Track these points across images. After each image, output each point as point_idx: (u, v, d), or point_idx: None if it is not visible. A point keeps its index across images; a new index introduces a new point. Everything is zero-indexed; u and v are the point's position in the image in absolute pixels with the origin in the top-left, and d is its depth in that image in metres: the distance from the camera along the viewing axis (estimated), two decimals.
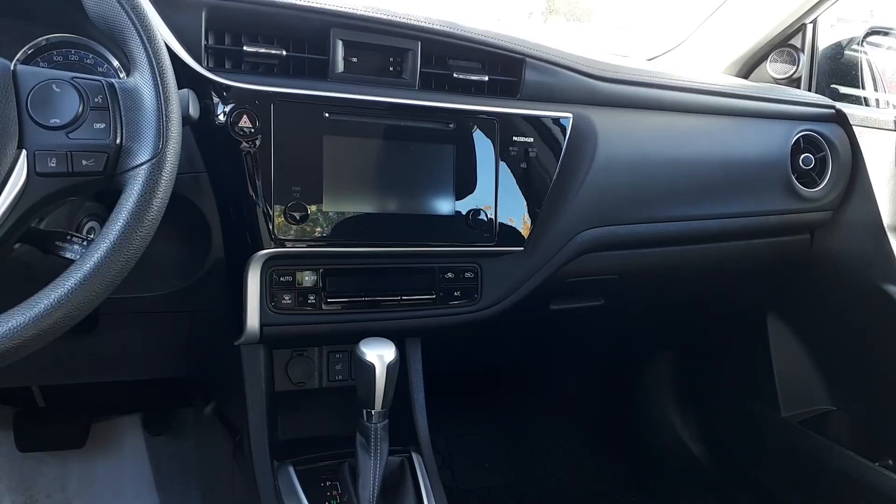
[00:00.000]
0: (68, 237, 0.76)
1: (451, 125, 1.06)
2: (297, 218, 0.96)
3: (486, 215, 1.08)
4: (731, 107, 1.36)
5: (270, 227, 0.96)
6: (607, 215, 1.22)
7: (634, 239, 1.27)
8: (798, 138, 1.42)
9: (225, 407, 1.28)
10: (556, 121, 1.13)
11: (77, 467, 1.50)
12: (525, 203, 1.12)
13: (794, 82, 1.64)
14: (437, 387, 1.23)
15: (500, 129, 1.08)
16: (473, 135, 1.07)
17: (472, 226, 1.07)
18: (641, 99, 1.25)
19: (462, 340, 1.40)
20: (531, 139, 1.11)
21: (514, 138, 1.10)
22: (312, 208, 0.97)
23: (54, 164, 0.68)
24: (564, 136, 1.14)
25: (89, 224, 0.91)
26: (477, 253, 1.12)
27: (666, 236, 1.31)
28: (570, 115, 1.14)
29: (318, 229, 0.98)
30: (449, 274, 1.12)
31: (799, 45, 1.61)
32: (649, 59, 1.80)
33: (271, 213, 0.95)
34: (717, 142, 1.33)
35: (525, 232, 1.12)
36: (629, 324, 1.68)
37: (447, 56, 1.10)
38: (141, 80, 0.71)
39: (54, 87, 0.69)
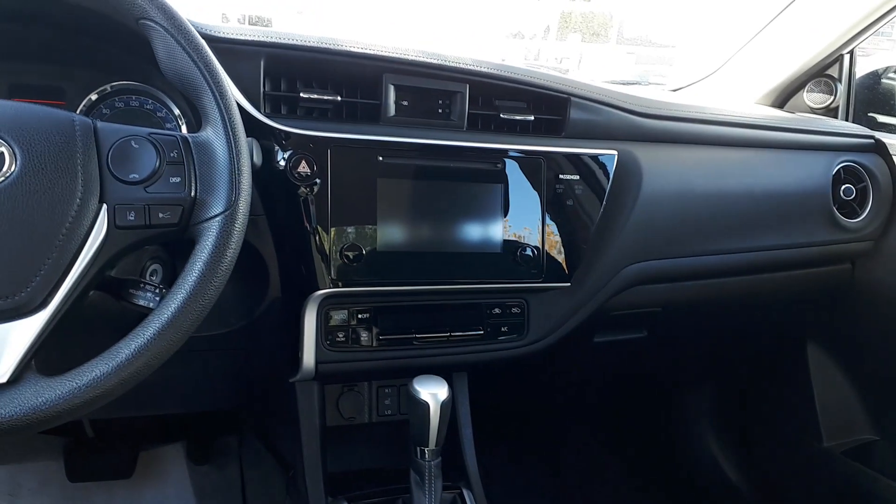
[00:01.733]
0: (141, 285, 0.79)
1: (498, 165, 1.07)
2: (352, 258, 0.99)
3: (534, 252, 1.10)
4: (773, 139, 1.37)
5: (327, 268, 0.98)
6: (652, 250, 1.23)
7: (678, 272, 1.28)
8: (838, 169, 1.43)
9: (275, 440, 1.30)
10: (601, 158, 1.15)
11: (124, 496, 1.52)
12: (572, 239, 1.13)
13: (830, 112, 1.65)
14: (475, 417, 1.24)
15: (547, 167, 1.10)
16: (520, 173, 1.09)
17: (520, 262, 1.09)
18: (685, 134, 1.26)
19: (504, 373, 1.41)
20: (577, 176, 1.13)
21: (561, 176, 1.11)
22: (367, 249, 0.99)
23: (133, 218, 0.70)
24: (610, 172, 1.15)
25: (152, 267, 0.94)
26: (524, 289, 1.13)
27: (709, 269, 1.31)
28: (614, 152, 1.16)
29: (372, 269, 1.00)
30: (496, 310, 1.13)
31: (836, 75, 1.62)
32: (674, 90, 1.81)
33: (328, 254, 0.98)
34: (759, 174, 1.34)
35: (572, 267, 1.14)
36: (670, 354, 1.68)
37: (494, 97, 1.12)
38: (213, 135, 0.74)
39: (133, 143, 0.72)
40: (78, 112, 0.98)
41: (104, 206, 0.69)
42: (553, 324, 1.17)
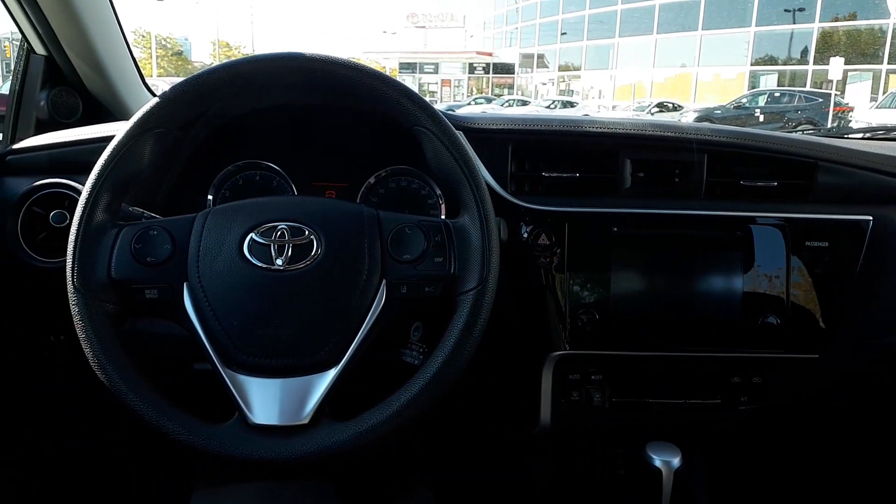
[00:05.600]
0: (408, 344, 0.94)
1: (738, 232, 1.07)
2: (587, 322, 1.05)
3: (777, 321, 1.07)
4: None
5: (564, 332, 1.06)
6: None
7: None
8: None
9: (510, 484, 1.39)
10: (853, 224, 1.09)
11: None
12: (820, 309, 1.08)
13: None
14: (714, 488, 1.22)
15: (792, 233, 1.08)
16: (762, 240, 1.08)
17: (762, 332, 1.07)
18: None
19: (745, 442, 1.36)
20: (825, 243, 1.08)
21: (807, 243, 1.08)
22: (602, 315, 1.05)
23: (405, 291, 0.84)
24: (864, 238, 1.09)
25: (416, 323, 1.08)
26: (766, 359, 1.11)
27: None
28: (869, 217, 1.09)
29: (607, 334, 1.06)
30: (735, 378, 1.12)
31: None
32: None
33: (565, 318, 1.05)
34: None
35: (820, 338, 1.08)
36: None
37: (734, 164, 1.12)
38: (469, 222, 0.86)
39: (407, 229, 0.86)
40: (360, 193, 1.18)
41: (384, 281, 0.84)
42: (798, 395, 1.13)
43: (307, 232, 0.83)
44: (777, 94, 17.16)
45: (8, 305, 1.15)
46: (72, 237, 0.80)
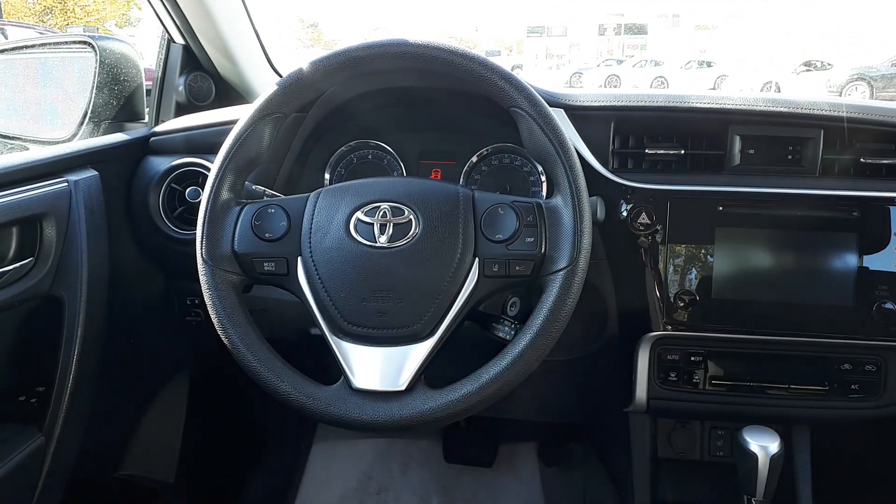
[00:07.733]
0: (501, 319, 0.97)
1: (854, 212, 1.02)
2: (688, 303, 1.04)
3: (895, 307, 1.01)
4: None
5: (662, 312, 1.05)
6: None
7: None
8: None
9: (611, 459, 1.41)
10: None
11: (486, 482, 1.78)
12: None
13: None
14: (821, 475, 1.17)
15: None
16: (882, 222, 1.02)
17: (877, 318, 1.01)
18: None
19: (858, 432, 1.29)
20: None
21: None
22: (703, 295, 1.04)
23: (496, 269, 0.87)
24: None
25: (512, 300, 1.12)
26: (881, 347, 1.05)
27: None
28: None
29: (708, 315, 1.04)
30: (846, 365, 1.07)
31: None
32: None
33: (664, 298, 1.05)
34: None
35: None
36: None
37: (853, 140, 1.06)
38: (562, 202, 0.88)
39: (500, 209, 0.89)
40: (463, 170, 1.21)
41: (476, 259, 0.87)
42: None
43: (406, 212, 0.88)
44: None
45: (155, 272, 1.29)
46: (200, 214, 0.90)
